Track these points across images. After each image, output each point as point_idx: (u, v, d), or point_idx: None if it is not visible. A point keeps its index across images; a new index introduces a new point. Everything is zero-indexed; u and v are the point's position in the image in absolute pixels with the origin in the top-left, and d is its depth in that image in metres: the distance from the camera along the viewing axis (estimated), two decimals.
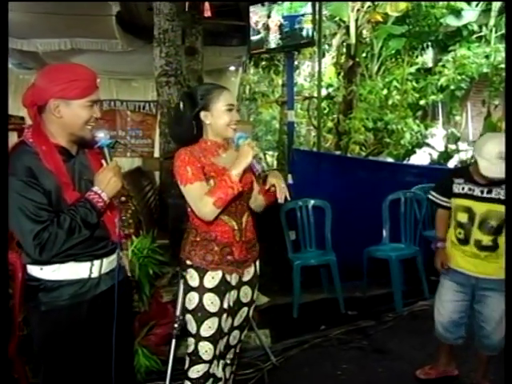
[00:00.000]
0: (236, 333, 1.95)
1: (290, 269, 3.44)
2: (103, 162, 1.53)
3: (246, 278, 1.90)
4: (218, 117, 1.75)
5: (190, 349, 1.80)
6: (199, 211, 1.70)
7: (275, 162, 9.77)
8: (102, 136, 1.52)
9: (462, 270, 2.24)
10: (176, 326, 2.01)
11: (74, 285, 1.49)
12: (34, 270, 1.48)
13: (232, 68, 7.80)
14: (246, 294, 1.91)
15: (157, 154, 6.54)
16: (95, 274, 1.53)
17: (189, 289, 1.80)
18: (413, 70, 8.28)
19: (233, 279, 1.83)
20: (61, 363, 1.51)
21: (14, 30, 5.16)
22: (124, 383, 1.68)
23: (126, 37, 5.42)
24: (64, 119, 1.44)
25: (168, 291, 2.77)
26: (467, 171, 2.25)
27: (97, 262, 1.53)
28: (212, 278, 1.77)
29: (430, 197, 2.42)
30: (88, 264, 1.51)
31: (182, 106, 1.76)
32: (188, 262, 1.81)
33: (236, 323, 1.93)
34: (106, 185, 1.47)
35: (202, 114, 1.75)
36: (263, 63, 9.85)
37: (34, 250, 1.37)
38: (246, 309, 1.94)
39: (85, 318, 1.51)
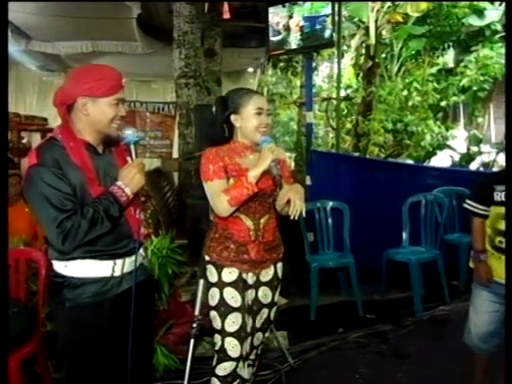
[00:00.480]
0: (259, 334, 1.96)
1: (308, 271, 3.42)
2: (128, 158, 1.57)
3: (264, 279, 1.90)
4: (248, 120, 1.80)
5: (217, 346, 1.81)
6: (215, 207, 1.77)
7: (293, 164, 9.75)
8: (129, 133, 1.56)
9: (502, 281, 2.15)
10: (195, 325, 2.02)
11: (96, 283, 1.52)
12: (59, 267, 1.52)
13: (250, 69, 7.82)
14: (265, 295, 1.92)
15: (175, 155, 6.61)
16: (117, 273, 1.55)
17: (209, 285, 1.83)
18: (434, 70, 8.18)
19: (249, 278, 1.85)
20: (83, 359, 1.54)
21: (38, 33, 5.30)
22: (144, 381, 1.70)
23: (146, 39, 5.49)
24: (91, 117, 1.49)
25: (186, 291, 2.79)
26: None
27: (119, 262, 1.55)
28: (229, 273, 1.80)
29: (467, 206, 2.27)
30: (110, 263, 1.54)
31: (214, 109, 1.84)
32: (207, 258, 1.85)
33: (257, 325, 1.93)
34: (130, 180, 1.50)
35: (233, 117, 1.82)
36: (281, 64, 9.85)
37: (57, 238, 1.40)
38: (266, 310, 1.94)
39: (107, 315, 1.53)
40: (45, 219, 1.42)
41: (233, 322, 1.78)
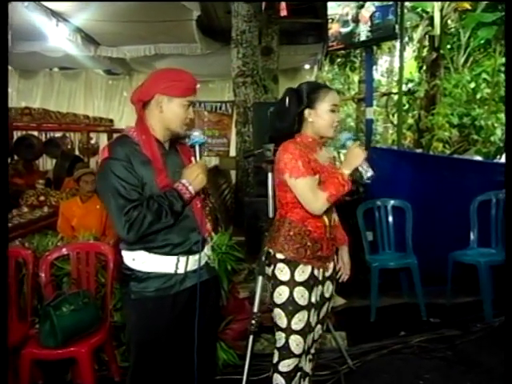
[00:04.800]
0: (319, 327, 1.96)
1: (367, 270, 3.33)
2: (192, 158, 1.63)
3: (328, 274, 1.91)
4: (322, 116, 1.78)
5: (280, 343, 1.81)
6: (310, 204, 1.72)
7: None
8: (196, 135, 1.62)
9: None
10: (253, 322, 2.03)
11: (160, 278, 1.57)
12: (128, 260, 1.59)
13: (307, 66, 7.76)
14: (328, 288, 1.93)
15: (232, 153, 6.71)
16: (181, 271, 1.59)
17: (278, 283, 1.79)
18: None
19: (320, 274, 1.85)
20: (146, 350, 1.59)
21: (105, 38, 5.60)
22: (207, 374, 1.74)
23: (205, 40, 5.63)
24: (164, 114, 1.57)
25: (244, 287, 2.81)
26: None
27: (183, 259, 1.59)
28: (302, 272, 1.78)
29: None
30: (174, 259, 1.58)
31: (287, 101, 1.79)
32: (279, 256, 1.80)
33: (320, 318, 1.94)
34: (193, 179, 1.56)
35: (306, 112, 1.79)
36: (339, 60, 9.66)
37: (123, 227, 1.46)
38: (327, 303, 1.95)
39: (169, 311, 1.58)
40: (113, 208, 1.49)
41: (299, 321, 1.77)
